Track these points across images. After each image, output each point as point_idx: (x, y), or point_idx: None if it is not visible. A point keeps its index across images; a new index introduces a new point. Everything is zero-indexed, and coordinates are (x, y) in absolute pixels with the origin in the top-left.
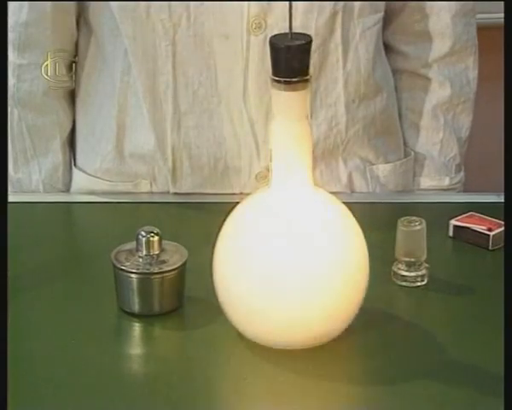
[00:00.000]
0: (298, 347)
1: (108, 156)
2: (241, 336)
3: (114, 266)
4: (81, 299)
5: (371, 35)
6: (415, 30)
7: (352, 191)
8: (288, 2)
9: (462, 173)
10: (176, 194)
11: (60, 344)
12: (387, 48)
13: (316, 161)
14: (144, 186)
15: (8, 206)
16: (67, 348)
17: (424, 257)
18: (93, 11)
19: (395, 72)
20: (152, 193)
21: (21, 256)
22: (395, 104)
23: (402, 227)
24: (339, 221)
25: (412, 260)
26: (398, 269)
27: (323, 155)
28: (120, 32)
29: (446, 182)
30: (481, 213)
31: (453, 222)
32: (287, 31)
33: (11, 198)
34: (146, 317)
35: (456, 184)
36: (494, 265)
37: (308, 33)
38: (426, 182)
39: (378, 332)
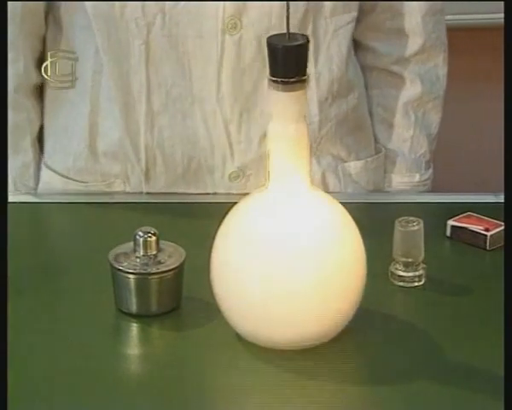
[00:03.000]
0: (296, 347)
1: (81, 155)
2: (239, 337)
3: (112, 267)
4: (79, 299)
5: (344, 34)
6: (386, 27)
7: (326, 191)
8: (263, 3)
9: (431, 170)
10: (173, 194)
11: (58, 344)
12: (357, 44)
13: None
14: (118, 186)
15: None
16: (65, 348)
17: (422, 257)
18: (65, 8)
19: (365, 69)
20: (150, 193)
21: (19, 256)
22: (366, 101)
23: (399, 227)
24: (336, 221)
25: (410, 260)
26: (396, 269)
27: None
28: (92, 30)
29: (416, 178)
30: (479, 214)
31: (451, 222)
32: (262, 31)
33: (9, 198)
34: (144, 317)
35: (425, 180)
36: (492, 265)
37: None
38: (397, 179)
39: (375, 332)
